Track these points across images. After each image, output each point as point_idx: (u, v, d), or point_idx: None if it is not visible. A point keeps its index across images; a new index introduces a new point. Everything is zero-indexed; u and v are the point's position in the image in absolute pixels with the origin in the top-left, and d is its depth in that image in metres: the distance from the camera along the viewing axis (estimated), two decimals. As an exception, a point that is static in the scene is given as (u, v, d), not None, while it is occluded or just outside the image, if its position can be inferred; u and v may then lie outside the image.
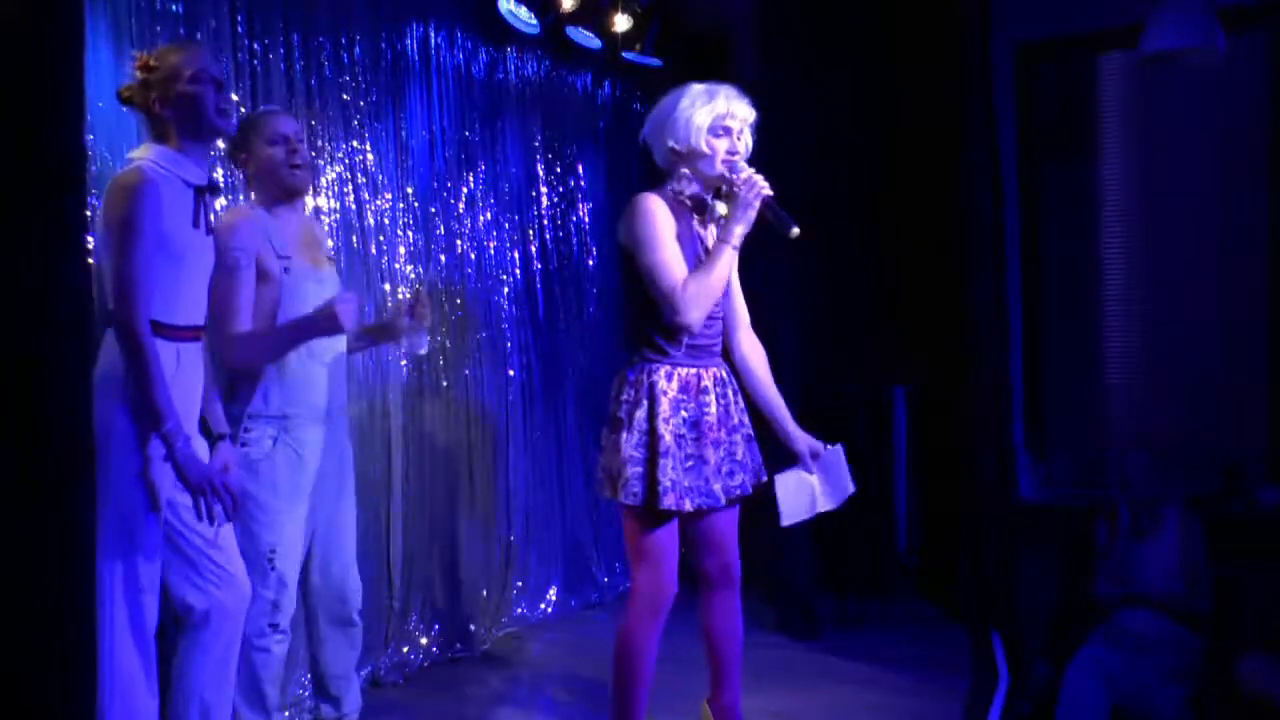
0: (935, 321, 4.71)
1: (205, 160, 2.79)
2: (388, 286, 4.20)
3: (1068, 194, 5.00)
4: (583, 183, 5.31)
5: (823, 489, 3.20)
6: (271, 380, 3.05)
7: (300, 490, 3.09)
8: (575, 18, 4.77)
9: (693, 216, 3.04)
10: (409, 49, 4.37)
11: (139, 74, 2.71)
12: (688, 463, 2.95)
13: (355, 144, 4.09)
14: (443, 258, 4.50)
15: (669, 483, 2.90)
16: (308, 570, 3.23)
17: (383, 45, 4.24)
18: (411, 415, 4.30)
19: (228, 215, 3.09)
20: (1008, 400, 4.31)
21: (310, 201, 3.79)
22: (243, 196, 3.36)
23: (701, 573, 3.17)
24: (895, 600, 4.97)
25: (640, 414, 2.95)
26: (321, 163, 3.93)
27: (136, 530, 2.62)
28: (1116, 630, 3.60)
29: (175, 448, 2.57)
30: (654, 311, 2.96)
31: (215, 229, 2.85)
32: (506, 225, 4.86)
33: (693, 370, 3.00)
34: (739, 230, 2.92)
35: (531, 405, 4.97)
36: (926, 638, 4.55)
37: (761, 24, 4.96)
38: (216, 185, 2.80)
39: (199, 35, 3.48)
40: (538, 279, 5.03)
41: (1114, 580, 3.72)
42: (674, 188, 3.03)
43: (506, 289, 4.84)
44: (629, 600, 3.05)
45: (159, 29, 3.35)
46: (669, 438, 2.92)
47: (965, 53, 4.25)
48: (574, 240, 5.27)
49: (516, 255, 4.91)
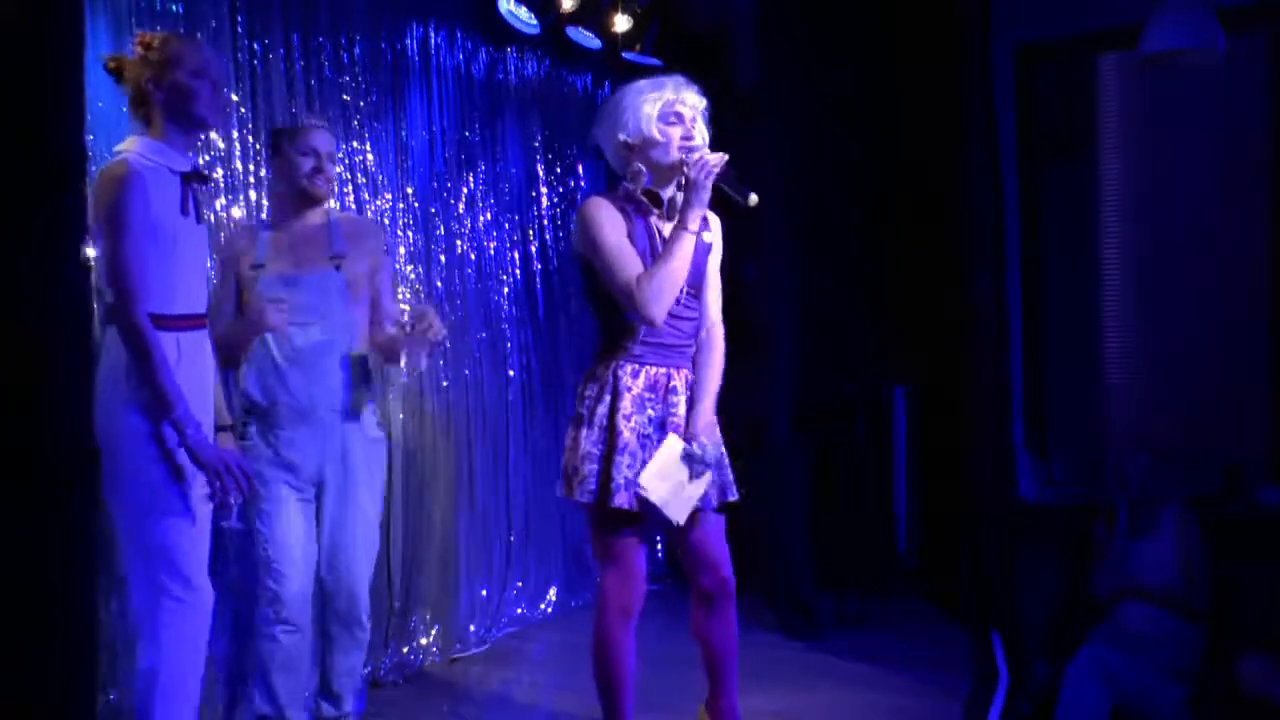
0: (935, 321, 4.71)
1: (190, 149, 2.79)
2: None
3: (1068, 194, 4.99)
4: (583, 183, 5.31)
5: (691, 484, 2.89)
6: (247, 378, 3.17)
7: (286, 487, 3.17)
8: (575, 18, 4.76)
9: (649, 213, 2.98)
10: (409, 49, 4.37)
11: (138, 50, 2.69)
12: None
13: (355, 144, 4.09)
14: (443, 258, 4.50)
15: (621, 480, 2.82)
16: (318, 568, 3.27)
17: (383, 45, 4.24)
18: (411, 415, 4.30)
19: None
20: (1008, 400, 4.31)
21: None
22: (243, 197, 3.38)
23: (699, 588, 3.08)
24: (895, 600, 4.97)
25: (602, 409, 2.90)
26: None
27: (159, 524, 2.61)
28: (1116, 630, 3.60)
29: (186, 433, 2.58)
30: (618, 311, 2.92)
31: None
32: (506, 225, 4.86)
33: (662, 370, 2.95)
34: (694, 214, 2.83)
35: (531, 405, 4.97)
36: (926, 638, 4.55)
37: (761, 24, 4.97)
38: (203, 172, 2.80)
39: (199, 35, 3.48)
40: (538, 279, 5.02)
41: (1111, 578, 3.73)
42: (626, 187, 2.98)
43: (506, 289, 4.84)
44: (599, 603, 2.96)
45: (159, 29, 3.34)
46: (628, 434, 2.86)
47: (965, 53, 4.25)
48: (573, 240, 5.26)
49: (516, 255, 4.91)
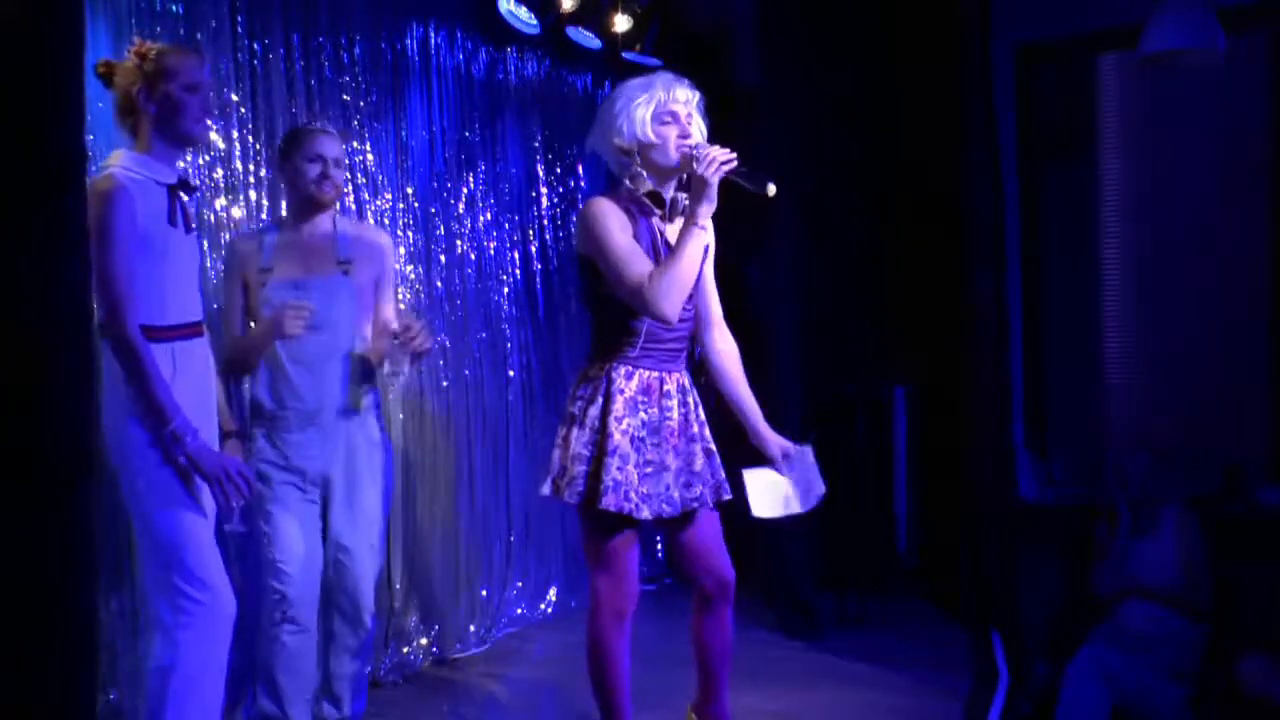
0: (935, 321, 4.70)
1: (176, 162, 2.78)
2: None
3: (1068, 194, 5.00)
4: (583, 183, 5.31)
5: (794, 490, 3.10)
6: (255, 383, 3.19)
7: (292, 489, 3.19)
8: (575, 18, 4.76)
9: (652, 214, 2.96)
10: (409, 49, 4.38)
11: (132, 58, 2.69)
12: (646, 468, 2.88)
13: (355, 144, 4.09)
14: (443, 258, 4.50)
15: (610, 482, 2.81)
16: (323, 569, 3.28)
17: (383, 45, 4.24)
18: (411, 415, 4.30)
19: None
20: (1008, 400, 4.30)
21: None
22: (243, 197, 3.38)
23: (699, 589, 3.08)
24: (895, 600, 4.96)
25: (594, 411, 2.89)
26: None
27: (169, 525, 2.63)
28: (1117, 630, 3.60)
29: (185, 443, 2.59)
30: (617, 313, 2.90)
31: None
32: (506, 225, 4.86)
33: (655, 373, 2.94)
34: (703, 210, 2.79)
35: (531, 405, 4.97)
36: (926, 638, 4.55)
37: (761, 24, 4.97)
38: (189, 183, 2.80)
39: (199, 35, 3.49)
40: (538, 279, 5.02)
41: (1111, 578, 3.73)
42: (628, 189, 2.95)
43: (506, 289, 4.84)
44: (591, 606, 2.96)
45: (159, 29, 3.36)
46: (619, 437, 2.85)
47: (965, 53, 4.24)
48: (574, 240, 5.27)
49: (516, 255, 4.91)
